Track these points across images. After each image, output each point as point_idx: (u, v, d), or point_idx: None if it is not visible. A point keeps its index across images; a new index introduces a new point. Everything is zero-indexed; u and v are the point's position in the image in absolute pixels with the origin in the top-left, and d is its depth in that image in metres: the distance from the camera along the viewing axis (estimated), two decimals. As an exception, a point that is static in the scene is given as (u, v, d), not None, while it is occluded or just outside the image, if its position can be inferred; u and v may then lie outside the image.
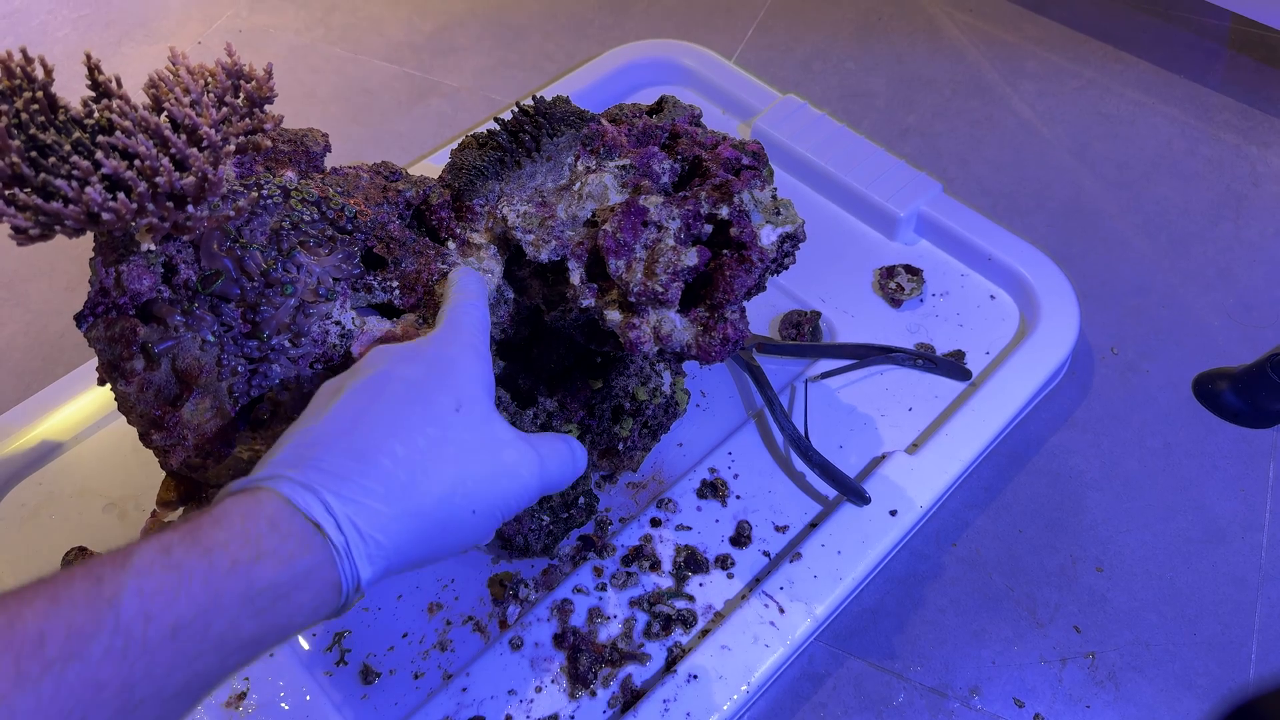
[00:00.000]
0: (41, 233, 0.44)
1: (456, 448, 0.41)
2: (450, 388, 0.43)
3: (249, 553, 0.34)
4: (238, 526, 0.34)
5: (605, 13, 1.12)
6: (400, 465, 0.39)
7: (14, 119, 0.46)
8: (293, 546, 0.35)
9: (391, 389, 0.42)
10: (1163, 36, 1.07)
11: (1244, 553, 0.70)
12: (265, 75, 0.50)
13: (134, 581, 0.31)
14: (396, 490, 0.38)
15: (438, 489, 0.40)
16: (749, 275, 0.54)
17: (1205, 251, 0.88)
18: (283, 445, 0.40)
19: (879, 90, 1.03)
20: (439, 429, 0.41)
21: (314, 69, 1.07)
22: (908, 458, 0.70)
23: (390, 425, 0.40)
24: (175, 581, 0.32)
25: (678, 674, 0.61)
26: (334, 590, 0.37)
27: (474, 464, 0.42)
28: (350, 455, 0.38)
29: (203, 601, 0.32)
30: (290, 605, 0.35)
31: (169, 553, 0.32)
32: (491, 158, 0.58)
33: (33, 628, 0.28)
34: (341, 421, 0.40)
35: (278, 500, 0.36)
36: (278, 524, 0.35)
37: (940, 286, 0.82)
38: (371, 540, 0.37)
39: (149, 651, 0.30)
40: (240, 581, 0.33)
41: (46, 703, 0.27)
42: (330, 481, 0.37)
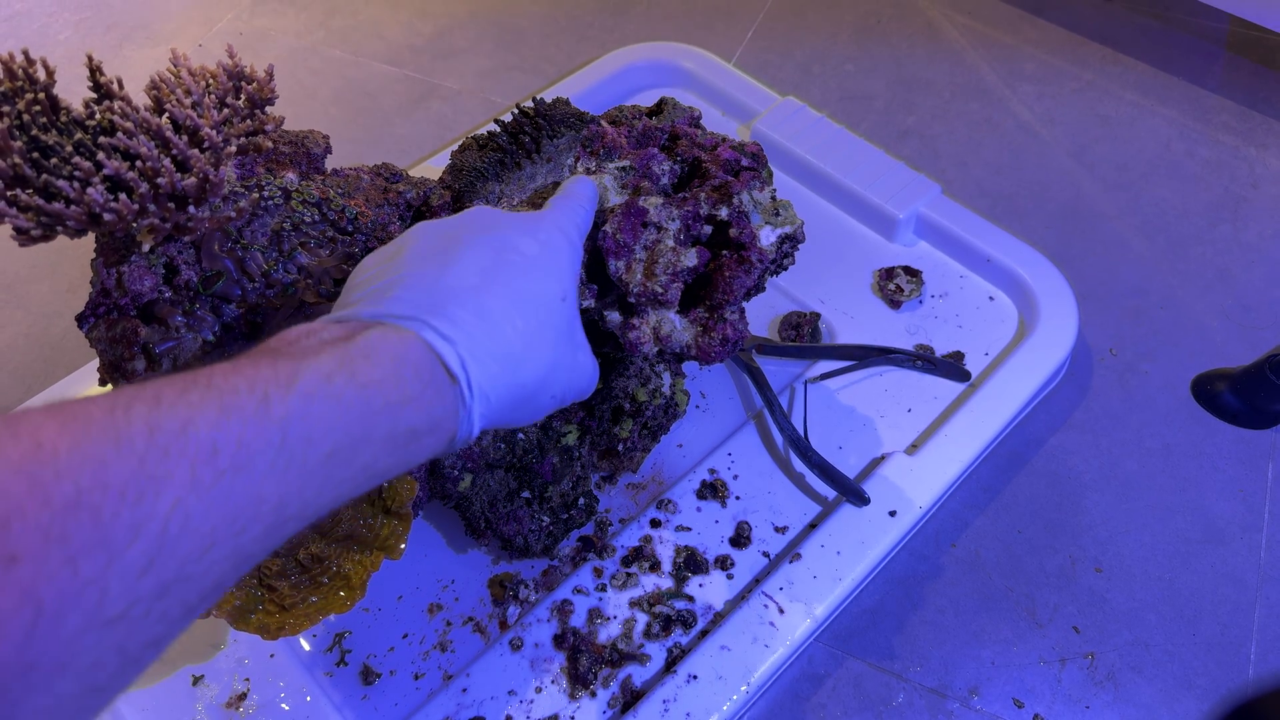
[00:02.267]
0: (43, 233, 0.45)
1: (556, 335, 0.43)
2: (559, 276, 0.44)
3: (399, 394, 0.35)
4: (389, 367, 0.35)
5: (605, 15, 1.13)
6: (519, 336, 0.41)
7: (16, 120, 0.46)
8: (432, 395, 0.37)
9: (512, 260, 0.43)
10: (1161, 39, 1.07)
11: (1243, 553, 0.70)
12: (266, 77, 0.50)
13: (300, 405, 0.32)
14: (513, 360, 0.40)
15: (540, 369, 0.42)
16: (748, 276, 0.54)
17: (1204, 253, 0.88)
18: (407, 279, 0.41)
19: (878, 92, 1.03)
20: (548, 314, 0.43)
21: (314, 71, 1.07)
22: (907, 458, 0.70)
23: (514, 296, 0.41)
24: (336, 411, 0.33)
25: (677, 674, 0.61)
26: (450, 439, 0.39)
27: (565, 355, 0.44)
28: (481, 315, 0.40)
29: (357, 433, 0.33)
30: (420, 446, 0.37)
31: (331, 381, 0.33)
32: (492, 159, 0.58)
33: (206, 437, 0.29)
34: (470, 277, 0.41)
35: (423, 347, 0.37)
36: (421, 371, 0.37)
37: (939, 288, 0.82)
38: (485, 400, 0.39)
39: (306, 473, 0.31)
40: (389, 420, 0.35)
41: (216, 509, 0.28)
42: (465, 338, 0.38)
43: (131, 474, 0.27)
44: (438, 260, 0.42)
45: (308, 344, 0.35)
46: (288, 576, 0.52)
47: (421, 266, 0.42)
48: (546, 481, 0.65)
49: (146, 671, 0.58)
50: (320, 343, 0.35)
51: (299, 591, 0.52)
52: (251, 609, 0.52)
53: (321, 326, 0.37)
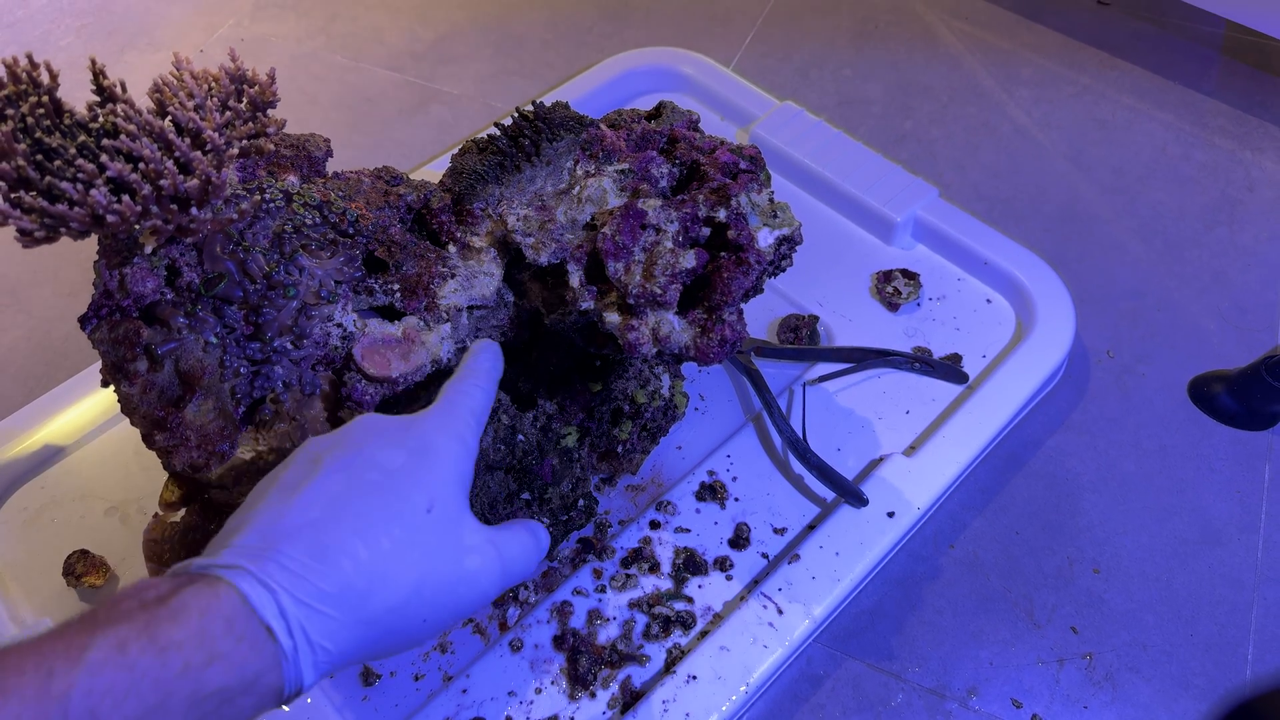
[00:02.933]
0: (47, 235, 0.45)
1: (420, 553, 0.40)
2: (427, 484, 0.41)
3: (202, 655, 0.33)
4: (194, 624, 0.34)
5: (604, 21, 1.13)
6: (360, 571, 0.38)
7: (20, 123, 0.47)
8: (245, 651, 0.35)
9: (367, 478, 0.40)
10: (1157, 43, 1.07)
11: (1240, 554, 0.70)
12: (268, 80, 0.51)
13: (85, 680, 0.30)
14: (352, 598, 0.37)
15: (393, 598, 0.39)
16: (746, 277, 0.54)
17: (1200, 256, 0.88)
18: (251, 519, 0.39)
19: (876, 97, 1.04)
20: (406, 531, 0.40)
21: (316, 77, 1.08)
22: (905, 460, 0.70)
23: (358, 521, 0.39)
24: (127, 682, 0.31)
25: (677, 675, 0.61)
26: (276, 695, 0.36)
27: (435, 571, 0.40)
28: (313, 553, 0.37)
29: (151, 703, 0.32)
30: (234, 709, 0.35)
31: (124, 650, 0.32)
32: (492, 162, 0.59)
33: None
34: (311, 510, 0.39)
35: (236, 598, 0.35)
36: (233, 624, 0.35)
37: (937, 291, 0.82)
38: (319, 648, 0.37)
39: None
40: (190, 684, 0.33)
41: None
42: (289, 581, 0.36)
43: None
44: (289, 492, 0.40)
45: (126, 606, 0.33)
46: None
47: (271, 502, 0.39)
48: (546, 483, 0.65)
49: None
50: (138, 604, 0.34)
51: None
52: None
53: (160, 580, 0.35)
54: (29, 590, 0.68)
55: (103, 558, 0.68)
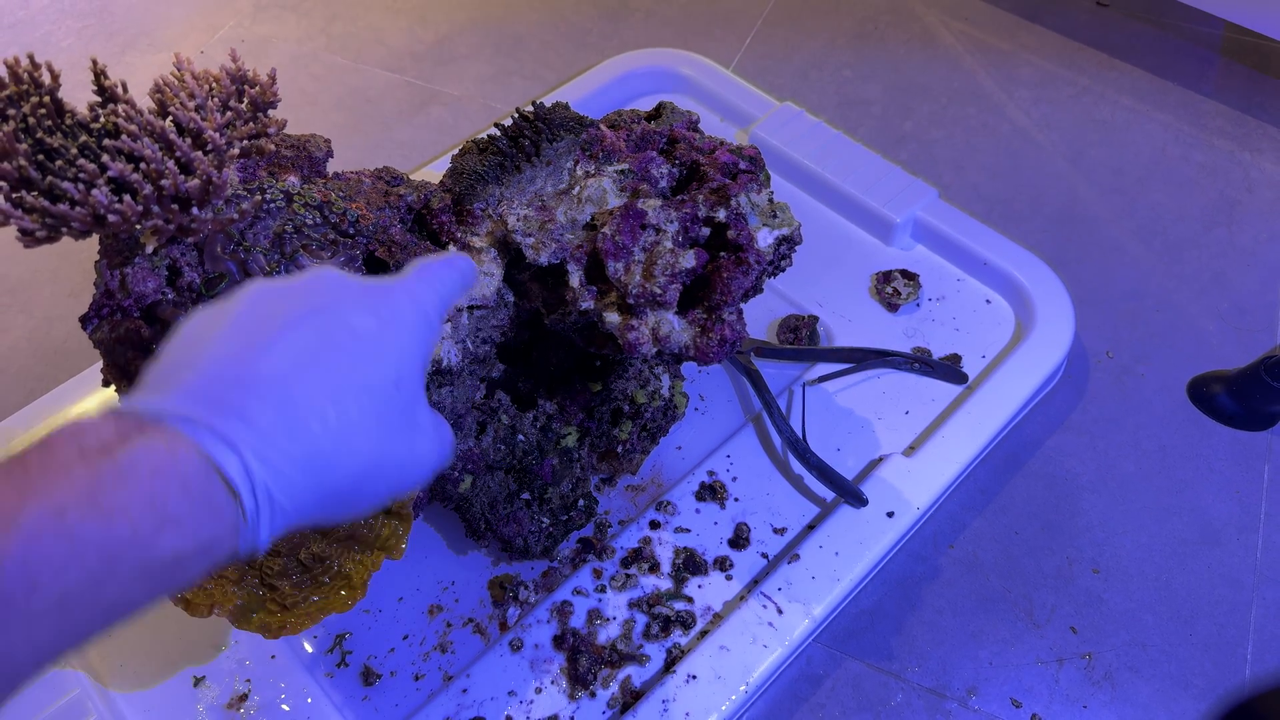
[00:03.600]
0: (48, 234, 0.45)
1: (384, 428, 0.38)
2: (397, 358, 0.39)
3: (153, 521, 0.30)
4: (144, 486, 0.30)
5: (604, 22, 1.13)
6: (328, 434, 0.36)
7: (21, 123, 0.47)
8: (203, 514, 0.32)
9: (339, 340, 0.37)
10: (1156, 44, 1.08)
11: (1239, 554, 0.70)
12: (269, 80, 0.51)
13: (21, 549, 0.28)
14: (318, 464, 0.35)
15: (354, 469, 0.37)
16: (746, 277, 0.54)
17: (1199, 256, 0.88)
18: (204, 362, 0.36)
19: (875, 98, 1.04)
20: (374, 402, 0.38)
21: (316, 78, 1.08)
22: (905, 460, 0.70)
23: (329, 383, 0.36)
24: (68, 550, 0.29)
25: (676, 674, 0.62)
26: (231, 556, 0.34)
27: (394, 448, 0.39)
28: (283, 411, 0.35)
29: (95, 570, 0.29)
30: (185, 573, 0.32)
31: (63, 516, 0.29)
32: (492, 162, 0.59)
33: None
34: (282, 363, 0.36)
35: (195, 457, 0.32)
36: (190, 486, 0.32)
37: (936, 291, 0.83)
38: (280, 510, 0.34)
39: (29, 621, 0.28)
40: (139, 552, 0.30)
41: None
42: (255, 440, 0.33)
43: None
44: (250, 339, 0.36)
45: (61, 454, 0.30)
46: (289, 576, 0.53)
47: (229, 346, 0.36)
48: (546, 483, 0.65)
49: (144, 671, 0.58)
50: (76, 453, 0.31)
51: (300, 591, 0.53)
52: (253, 608, 0.52)
53: (93, 426, 0.32)
54: (30, 590, 0.68)
55: (103, 558, 0.68)
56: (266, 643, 0.65)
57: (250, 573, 0.53)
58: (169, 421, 0.33)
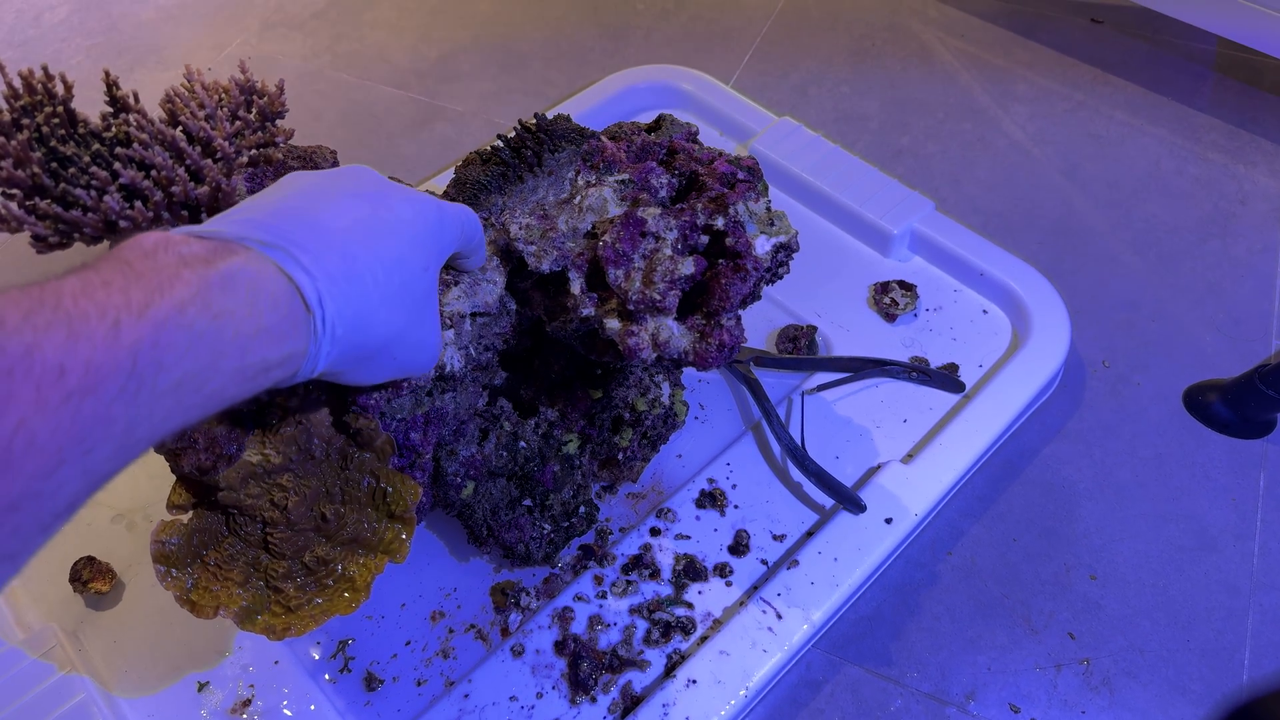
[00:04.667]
0: (61, 241, 0.46)
1: (411, 303, 0.43)
2: (426, 246, 0.45)
3: (252, 325, 0.35)
4: (244, 296, 0.35)
5: (606, 40, 1.15)
6: (376, 291, 0.41)
7: (35, 132, 0.48)
8: (287, 328, 0.37)
9: (385, 217, 0.43)
10: (1150, 60, 1.09)
11: (1236, 561, 0.71)
12: (277, 91, 0.52)
13: (151, 333, 0.32)
14: (366, 313, 0.40)
15: (388, 330, 0.42)
16: (744, 283, 0.55)
17: (1194, 268, 0.89)
18: (279, 208, 0.40)
19: (873, 113, 1.05)
20: (408, 279, 0.43)
21: (321, 94, 1.09)
22: (903, 467, 0.71)
23: (380, 251, 0.41)
24: (187, 339, 0.33)
25: (677, 679, 0.62)
26: (295, 373, 0.39)
27: (414, 326, 0.44)
28: (345, 259, 0.39)
29: (206, 362, 0.34)
30: (266, 378, 0.37)
31: (184, 311, 0.33)
32: (494, 172, 0.60)
33: (52, 360, 0.29)
34: (342, 219, 0.41)
35: (283, 279, 0.37)
36: (279, 302, 0.36)
37: (934, 301, 0.83)
38: (333, 342, 0.39)
39: (155, 398, 0.32)
40: (239, 351, 0.35)
41: (63, 430, 0.29)
42: (326, 277, 0.38)
43: None
44: (313, 198, 0.42)
45: (164, 260, 0.35)
46: (293, 578, 0.53)
47: (296, 201, 0.41)
48: (548, 490, 0.66)
49: (149, 676, 0.59)
50: (178, 260, 0.35)
51: (304, 593, 0.53)
52: (258, 610, 0.53)
53: (181, 240, 0.36)
54: (35, 596, 0.69)
55: (109, 564, 0.69)
56: (270, 648, 0.65)
57: (255, 575, 0.53)
58: (255, 246, 0.37)
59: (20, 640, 0.65)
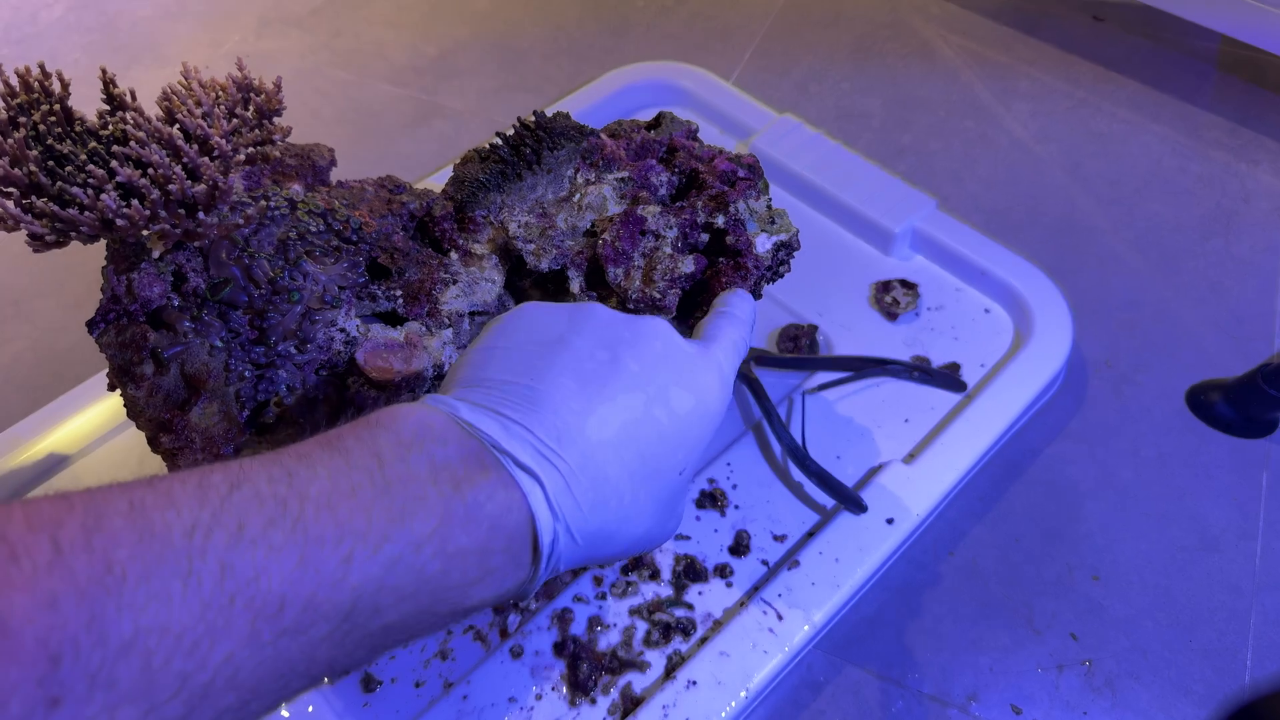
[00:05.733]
0: (57, 239, 0.46)
1: (659, 512, 0.39)
2: (693, 446, 0.40)
3: (478, 571, 0.32)
4: (482, 538, 0.32)
5: (605, 36, 1.15)
6: (619, 517, 0.37)
7: (32, 130, 0.47)
8: (509, 571, 0.34)
9: (656, 416, 0.38)
10: (1153, 57, 1.09)
11: (1239, 561, 0.70)
12: (274, 88, 0.51)
13: (378, 574, 0.30)
14: (600, 541, 0.36)
15: (625, 543, 0.38)
16: (745, 282, 0.55)
17: (1197, 266, 0.89)
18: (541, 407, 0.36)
19: (874, 110, 1.05)
20: (664, 491, 0.38)
21: (319, 91, 1.09)
22: (904, 467, 0.71)
23: (636, 465, 0.37)
24: (413, 585, 0.31)
25: (677, 681, 0.62)
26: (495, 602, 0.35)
27: (657, 529, 0.40)
28: (596, 486, 0.35)
29: (423, 606, 0.31)
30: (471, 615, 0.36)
31: (419, 552, 0.31)
32: (493, 170, 0.59)
33: (276, 593, 0.27)
34: (608, 430, 0.36)
35: (525, 516, 0.33)
36: (513, 544, 0.33)
37: (935, 300, 0.83)
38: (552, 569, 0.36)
39: (363, 642, 0.30)
40: (459, 596, 0.32)
41: (266, 667, 0.28)
42: (571, 510, 0.35)
43: (192, 620, 0.26)
44: (582, 389, 0.37)
45: (416, 469, 0.32)
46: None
47: (560, 393, 0.36)
48: (547, 490, 0.66)
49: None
50: (429, 472, 0.32)
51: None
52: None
53: (444, 428, 0.34)
54: (32, 597, 0.68)
55: (106, 564, 0.68)
56: (268, 649, 0.65)
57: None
58: (514, 473, 0.34)
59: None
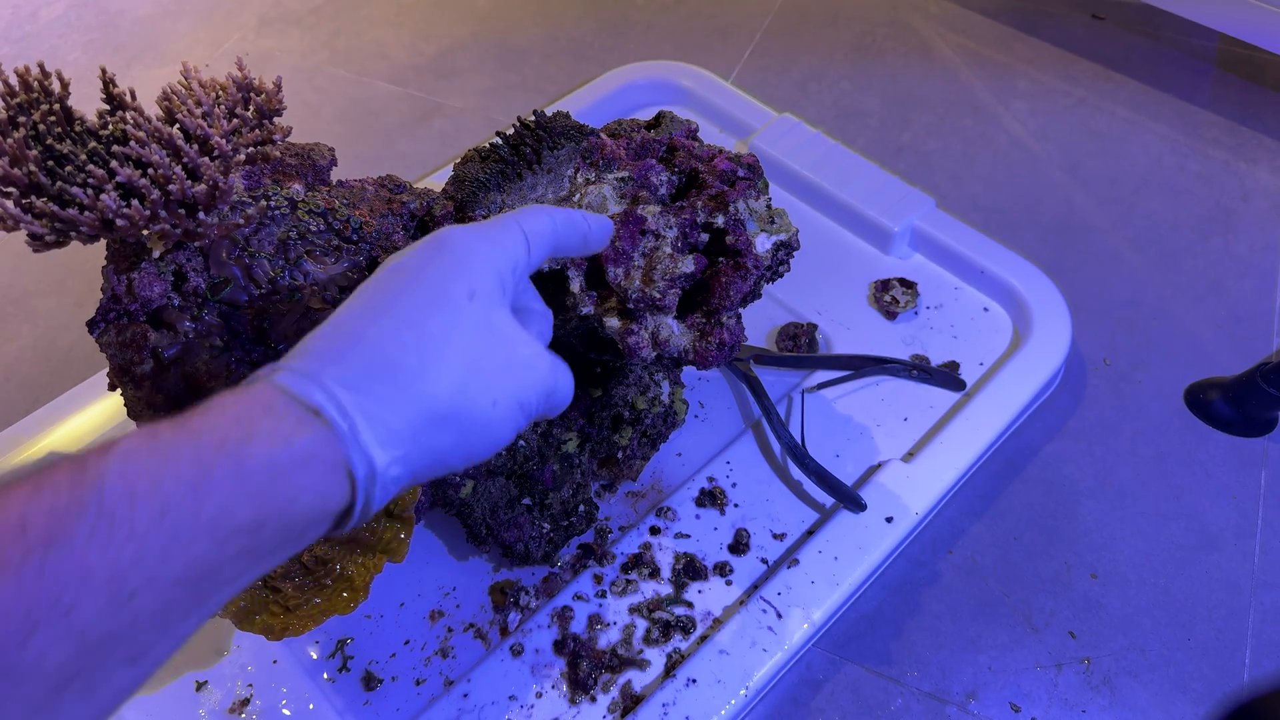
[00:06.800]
0: (57, 239, 0.46)
1: (469, 336, 0.38)
2: (460, 276, 0.39)
3: (240, 432, 0.31)
4: (230, 411, 0.32)
5: (605, 36, 1.15)
6: (409, 350, 0.36)
7: (32, 130, 0.47)
8: (289, 427, 0.32)
9: (395, 281, 0.39)
10: (1151, 56, 1.09)
11: (1237, 559, 0.70)
12: (275, 88, 0.51)
13: (118, 465, 0.28)
14: (405, 375, 0.36)
15: (451, 375, 0.37)
16: (744, 282, 0.55)
17: (1195, 265, 0.89)
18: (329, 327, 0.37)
19: (873, 109, 1.05)
20: (450, 314, 0.38)
21: (319, 91, 1.09)
22: (903, 466, 0.71)
23: (396, 313, 0.37)
24: (161, 462, 0.29)
25: (676, 679, 0.62)
26: (342, 474, 0.33)
27: (487, 352, 0.39)
28: (351, 342, 0.36)
29: (190, 479, 0.29)
30: (290, 486, 0.32)
31: (156, 437, 0.30)
32: (493, 170, 0.59)
33: (13, 514, 0.26)
34: (345, 315, 0.37)
35: (273, 389, 0.33)
36: (273, 407, 0.33)
37: (934, 299, 0.83)
38: (380, 424, 0.34)
39: (137, 536, 0.28)
40: (230, 459, 0.30)
41: (29, 590, 0.26)
42: (331, 368, 0.34)
43: None
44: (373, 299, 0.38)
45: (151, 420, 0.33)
46: (292, 578, 0.53)
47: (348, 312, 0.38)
48: (547, 489, 0.66)
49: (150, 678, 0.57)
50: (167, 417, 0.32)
51: (303, 593, 0.53)
52: (256, 610, 0.53)
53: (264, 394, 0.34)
54: (33, 596, 0.68)
55: (107, 563, 0.69)
56: (268, 648, 0.65)
57: (253, 575, 0.53)
58: (248, 381, 0.34)
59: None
